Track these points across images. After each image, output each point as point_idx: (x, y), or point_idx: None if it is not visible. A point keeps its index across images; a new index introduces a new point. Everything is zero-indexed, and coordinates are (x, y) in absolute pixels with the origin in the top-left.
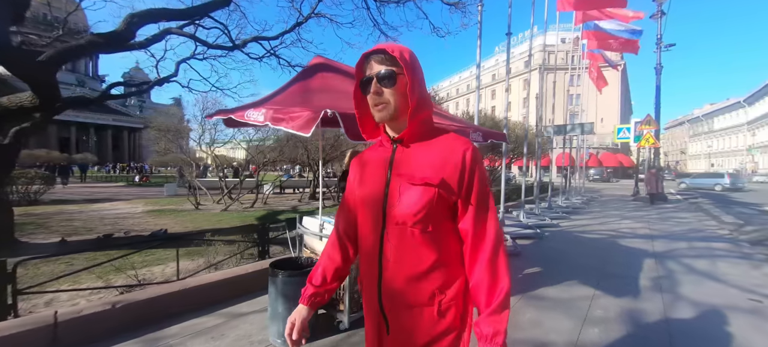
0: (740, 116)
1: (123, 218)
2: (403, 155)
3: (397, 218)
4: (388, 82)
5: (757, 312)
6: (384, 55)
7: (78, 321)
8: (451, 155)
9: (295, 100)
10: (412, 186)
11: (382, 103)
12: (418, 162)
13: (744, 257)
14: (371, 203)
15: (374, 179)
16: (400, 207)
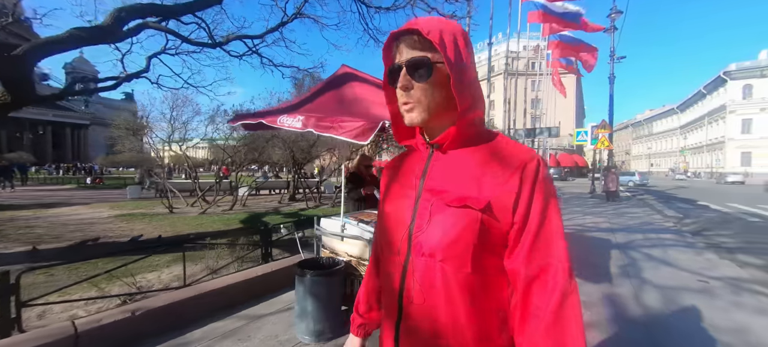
0: (674, 121)
1: (90, 223)
2: (441, 164)
3: (424, 248)
4: (420, 74)
5: (705, 291)
6: (417, 37)
7: (99, 330)
8: (507, 168)
9: (334, 108)
10: (446, 207)
11: (412, 101)
12: (459, 176)
13: (688, 246)
14: (395, 223)
15: (401, 194)
16: (429, 234)
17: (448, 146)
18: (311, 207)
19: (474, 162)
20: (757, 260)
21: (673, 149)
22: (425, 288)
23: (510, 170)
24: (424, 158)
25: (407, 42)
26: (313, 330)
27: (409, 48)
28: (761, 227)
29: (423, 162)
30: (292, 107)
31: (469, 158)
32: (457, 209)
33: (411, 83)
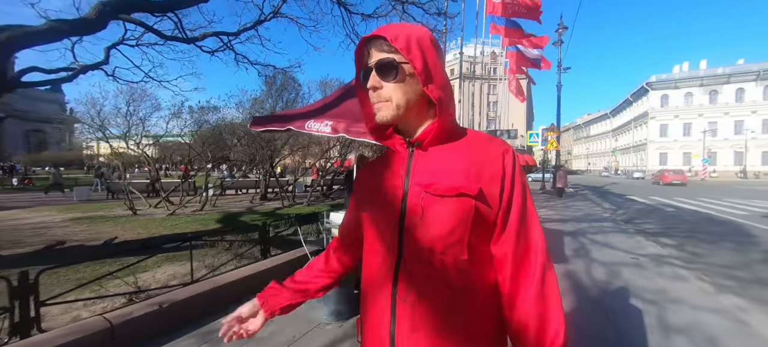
0: (608, 125)
1: (46, 228)
2: (424, 160)
3: (423, 242)
4: (389, 75)
5: (636, 265)
6: (383, 42)
7: (131, 323)
8: (488, 158)
9: (359, 114)
10: (440, 198)
11: (382, 100)
12: (446, 168)
13: (622, 232)
14: (382, 224)
15: (385, 193)
16: (426, 226)
17: (428, 143)
18: (286, 206)
19: (456, 156)
20: (672, 241)
21: (607, 149)
22: (423, 284)
23: (492, 160)
24: (404, 158)
25: (376, 46)
26: (333, 311)
27: (377, 51)
28: (675, 215)
29: (404, 161)
30: (317, 111)
31: (451, 153)
32: (453, 199)
33: (380, 83)
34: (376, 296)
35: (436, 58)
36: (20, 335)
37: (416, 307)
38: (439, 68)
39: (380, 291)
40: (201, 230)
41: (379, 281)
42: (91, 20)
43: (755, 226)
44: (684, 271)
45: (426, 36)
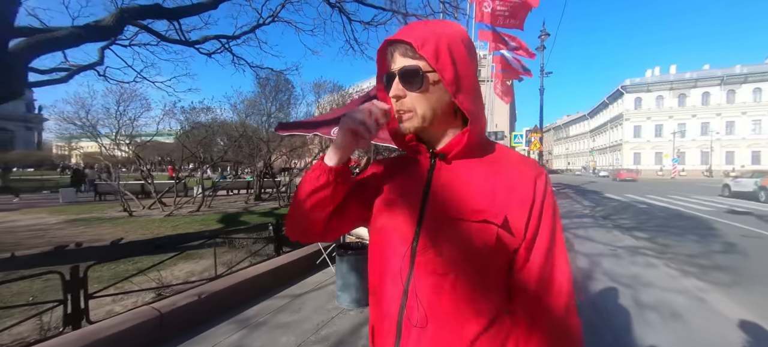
0: (586, 126)
1: (43, 230)
2: (446, 175)
3: (435, 266)
4: (413, 83)
5: (614, 255)
6: (408, 47)
7: (176, 311)
8: (518, 182)
9: None
10: (459, 222)
11: (407, 111)
12: (470, 188)
13: (601, 226)
14: (396, 240)
15: (402, 206)
16: (441, 250)
17: (453, 156)
18: (283, 206)
19: (483, 174)
20: (645, 234)
21: (585, 149)
22: (432, 309)
23: (522, 184)
24: (424, 168)
25: (400, 50)
26: (354, 298)
27: (401, 56)
28: (647, 211)
29: (424, 172)
30: (334, 120)
31: (477, 170)
32: (474, 224)
33: (403, 92)
34: (385, 311)
35: (468, 65)
36: (72, 325)
37: (421, 332)
38: (472, 76)
39: (389, 308)
40: (205, 229)
41: (388, 297)
42: (109, 27)
43: (717, 220)
44: (654, 260)
45: (458, 38)
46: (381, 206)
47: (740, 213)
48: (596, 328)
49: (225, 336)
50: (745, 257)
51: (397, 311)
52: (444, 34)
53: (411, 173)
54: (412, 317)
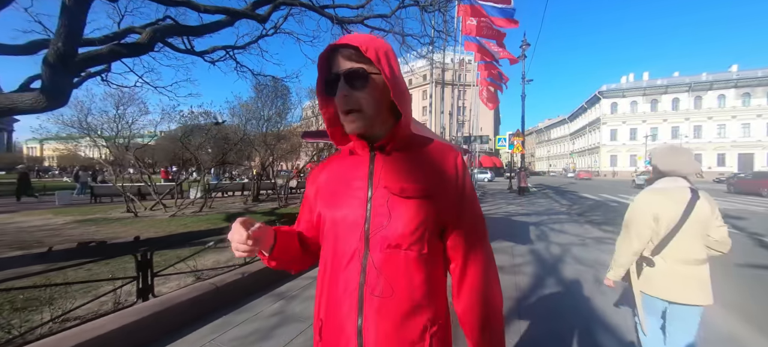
0: (565, 129)
1: (54, 230)
2: (386, 164)
3: (390, 240)
4: (358, 84)
5: (583, 244)
6: (353, 51)
7: (226, 286)
8: (444, 163)
9: None
10: (405, 200)
11: (354, 110)
12: (408, 172)
13: (575, 222)
14: (349, 225)
15: (350, 196)
16: (394, 226)
17: (391, 147)
18: (281, 207)
19: (417, 160)
20: (612, 227)
21: (565, 152)
22: (390, 278)
23: (448, 164)
24: (364, 161)
25: (344, 54)
26: None
27: (346, 60)
28: (616, 209)
29: (365, 164)
30: None
31: (412, 158)
32: (417, 200)
33: (350, 93)
34: (342, 292)
35: (398, 69)
36: (142, 298)
37: (384, 300)
38: (401, 79)
39: (347, 288)
40: (214, 227)
41: (346, 278)
42: (143, 44)
43: None
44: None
45: (388, 48)
46: (328, 202)
47: None
48: (561, 296)
49: (268, 305)
50: None
51: (357, 288)
52: (380, 43)
53: (351, 167)
54: (375, 289)
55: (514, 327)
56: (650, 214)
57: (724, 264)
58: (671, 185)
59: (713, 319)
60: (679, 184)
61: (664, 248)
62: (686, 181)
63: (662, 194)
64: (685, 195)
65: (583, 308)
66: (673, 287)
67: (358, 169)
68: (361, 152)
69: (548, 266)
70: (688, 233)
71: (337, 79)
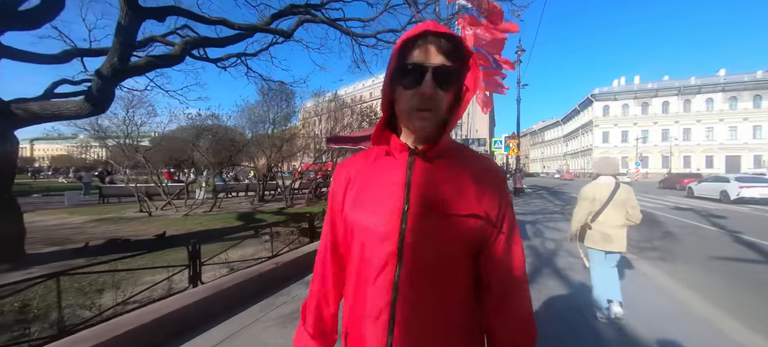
0: (559, 131)
1: (77, 228)
2: (426, 173)
3: (428, 262)
4: (445, 84)
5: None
6: (451, 46)
7: (267, 273)
8: (487, 178)
9: None
10: (450, 217)
11: (430, 108)
12: (451, 186)
13: (567, 220)
14: (380, 236)
15: (383, 202)
16: (433, 247)
17: (432, 154)
18: (288, 206)
19: (458, 172)
20: None
21: (559, 153)
22: (422, 302)
23: (492, 182)
24: (401, 165)
25: (438, 45)
26: None
27: (440, 53)
28: None
29: (402, 169)
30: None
31: (452, 168)
32: (462, 218)
33: (435, 91)
34: (370, 307)
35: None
36: (192, 284)
37: (416, 325)
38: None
39: (375, 303)
40: (231, 226)
41: (375, 293)
42: (176, 56)
43: (662, 214)
44: None
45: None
46: (357, 203)
47: (683, 209)
48: (554, 282)
49: (302, 289)
50: (674, 240)
51: (388, 306)
52: (467, 44)
53: (387, 170)
54: (402, 310)
55: None
56: (591, 195)
57: (701, 258)
58: (603, 180)
59: (691, 304)
60: (607, 180)
61: (598, 217)
62: (613, 178)
63: (598, 184)
64: (611, 185)
65: (575, 292)
66: (602, 242)
67: (395, 173)
68: (399, 156)
69: (543, 259)
70: (611, 208)
71: (422, 70)
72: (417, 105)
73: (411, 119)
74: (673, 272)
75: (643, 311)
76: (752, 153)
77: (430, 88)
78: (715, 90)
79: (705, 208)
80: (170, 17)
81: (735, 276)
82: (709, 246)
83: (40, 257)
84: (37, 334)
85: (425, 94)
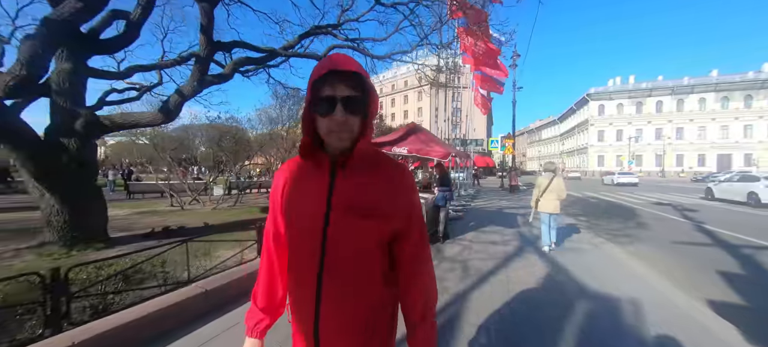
0: (556, 130)
1: (127, 219)
2: (349, 182)
3: (345, 251)
4: (355, 110)
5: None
6: (355, 78)
7: None
8: (397, 181)
9: (421, 143)
10: (357, 216)
11: (345, 131)
12: (366, 190)
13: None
14: (307, 234)
15: (309, 206)
16: (348, 239)
17: (351, 164)
18: None
19: (372, 177)
20: (585, 218)
21: (556, 152)
22: (342, 286)
23: (400, 184)
24: (325, 172)
25: (342, 78)
26: None
27: (345, 86)
28: (595, 204)
29: (325, 176)
30: (398, 140)
31: (369, 175)
32: (373, 216)
33: (346, 117)
34: (302, 293)
35: (375, 95)
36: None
37: (337, 304)
38: (375, 103)
39: (306, 286)
40: (260, 217)
41: (305, 283)
42: (227, 74)
43: (641, 209)
44: (587, 233)
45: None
46: (291, 203)
47: (663, 204)
48: (536, 257)
49: None
50: (645, 229)
51: (315, 290)
52: (365, 71)
53: (314, 178)
54: (327, 291)
55: (504, 273)
56: (541, 183)
57: (662, 242)
58: (546, 175)
59: (651, 282)
60: (548, 174)
61: (543, 194)
62: (551, 173)
63: (542, 177)
64: (551, 177)
65: (559, 267)
66: (547, 208)
67: (317, 179)
68: (323, 165)
69: (532, 243)
70: (551, 190)
71: (333, 101)
72: (333, 128)
73: (330, 140)
74: (636, 252)
75: (603, 280)
76: (743, 152)
77: (341, 115)
78: (707, 90)
79: (681, 203)
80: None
81: (688, 255)
82: (673, 234)
83: (120, 239)
84: (172, 280)
85: (338, 120)
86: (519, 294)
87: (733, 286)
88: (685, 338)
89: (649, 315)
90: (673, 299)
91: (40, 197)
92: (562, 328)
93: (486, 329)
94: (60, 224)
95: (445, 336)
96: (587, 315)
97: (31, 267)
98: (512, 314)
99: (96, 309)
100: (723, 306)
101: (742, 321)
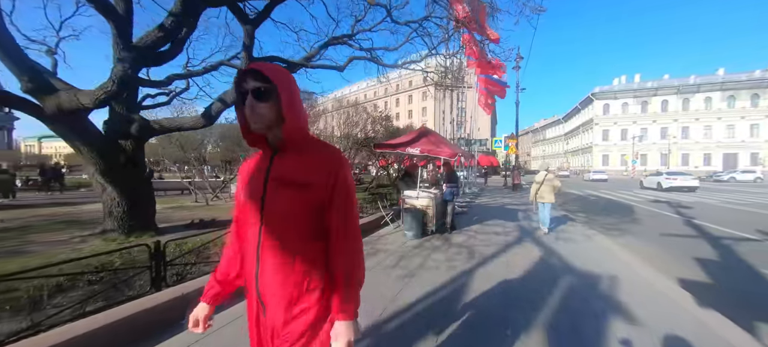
0: (560, 129)
1: (161, 213)
2: (281, 161)
3: (274, 215)
4: (261, 98)
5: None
6: (258, 74)
7: None
8: (323, 160)
9: (431, 144)
10: (286, 187)
11: (257, 116)
12: (293, 167)
13: (554, 209)
14: (251, 203)
15: (254, 182)
16: (278, 205)
17: (283, 149)
18: None
19: (302, 158)
20: (583, 214)
21: (560, 151)
22: (275, 242)
23: (326, 161)
24: (267, 157)
25: (252, 76)
26: (415, 233)
27: (253, 80)
28: (594, 201)
29: (266, 160)
30: (411, 141)
31: (299, 156)
32: (298, 186)
33: (255, 104)
34: (249, 253)
35: (294, 87)
36: None
37: (272, 257)
38: (295, 95)
39: (251, 249)
40: None
41: (251, 243)
42: None
43: (637, 206)
44: (581, 227)
45: (286, 72)
46: (245, 186)
47: (661, 202)
48: (533, 244)
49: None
50: (638, 223)
51: (256, 246)
52: (281, 71)
53: (259, 163)
54: (265, 250)
55: (504, 259)
56: (538, 178)
57: (652, 235)
58: (542, 172)
59: (637, 270)
60: (543, 172)
61: (540, 188)
62: (545, 171)
63: (538, 175)
64: (545, 174)
65: (553, 252)
66: (543, 198)
67: (262, 164)
68: (266, 152)
69: (532, 236)
70: (546, 184)
71: (245, 93)
72: (247, 115)
73: (252, 125)
74: (626, 243)
75: (592, 264)
76: (749, 151)
77: (251, 103)
78: (713, 89)
79: (675, 199)
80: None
81: (674, 246)
82: (663, 227)
83: (165, 229)
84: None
85: (249, 106)
86: (516, 271)
87: (705, 269)
88: (645, 300)
89: (623, 284)
90: (643, 273)
91: (103, 190)
92: (550, 295)
93: (488, 295)
94: (120, 214)
95: (453, 303)
96: (571, 289)
97: (98, 249)
98: (508, 286)
99: (181, 276)
100: (691, 283)
101: (703, 293)
